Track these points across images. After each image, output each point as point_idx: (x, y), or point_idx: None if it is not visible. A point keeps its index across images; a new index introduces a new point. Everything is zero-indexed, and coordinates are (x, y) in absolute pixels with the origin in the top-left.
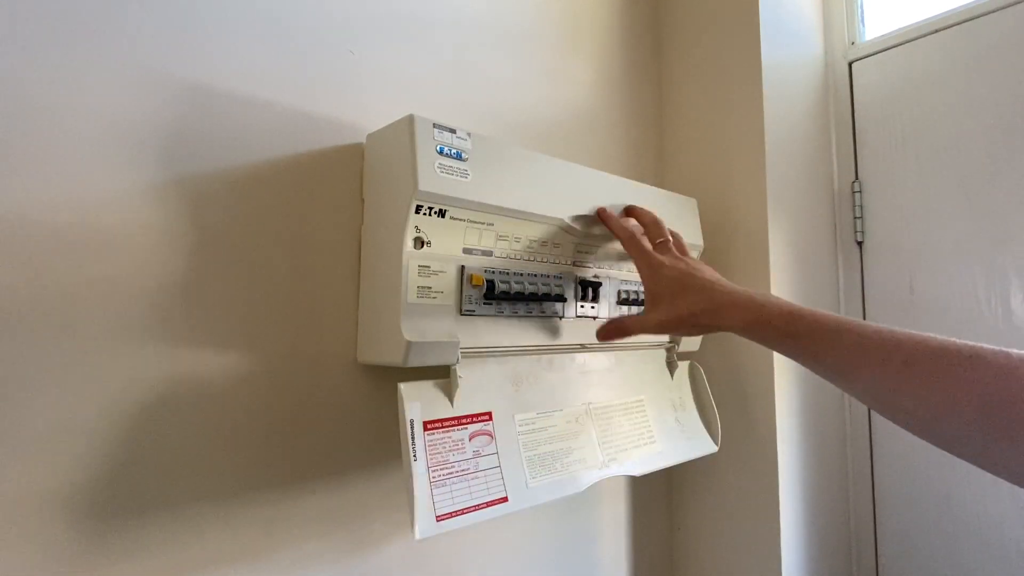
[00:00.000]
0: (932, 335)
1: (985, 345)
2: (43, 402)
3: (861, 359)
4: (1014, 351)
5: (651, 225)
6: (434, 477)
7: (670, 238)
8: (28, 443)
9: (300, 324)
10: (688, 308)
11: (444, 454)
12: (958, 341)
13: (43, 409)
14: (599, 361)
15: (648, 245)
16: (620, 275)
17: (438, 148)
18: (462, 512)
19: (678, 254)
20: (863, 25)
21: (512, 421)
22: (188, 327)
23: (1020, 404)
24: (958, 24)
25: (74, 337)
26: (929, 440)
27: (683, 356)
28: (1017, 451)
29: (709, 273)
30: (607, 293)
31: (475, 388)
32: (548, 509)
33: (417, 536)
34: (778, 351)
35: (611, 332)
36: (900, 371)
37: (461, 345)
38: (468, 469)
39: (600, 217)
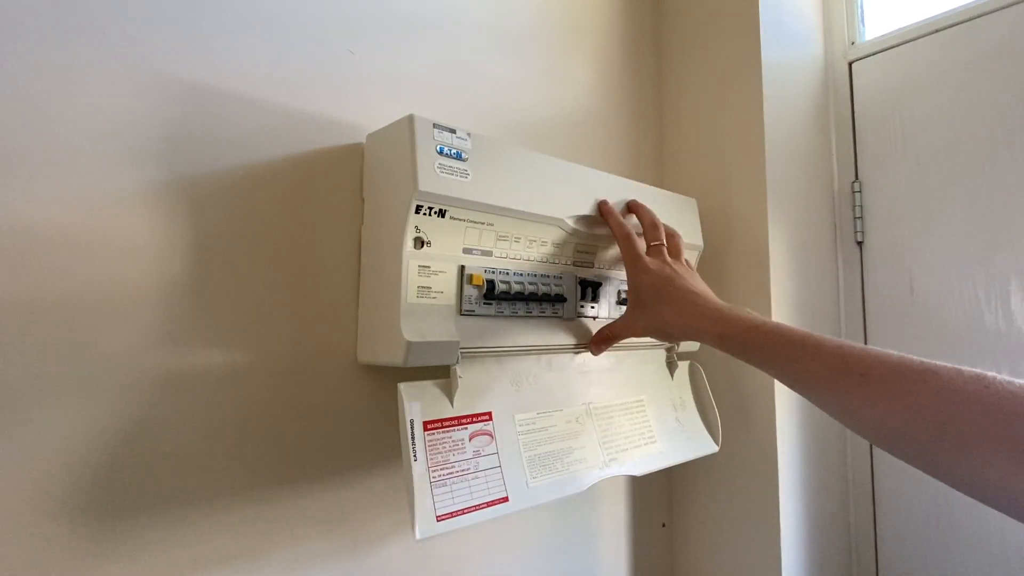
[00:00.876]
0: (891, 351)
1: (939, 362)
2: (43, 402)
3: (820, 372)
4: (966, 368)
5: (649, 227)
6: (434, 477)
7: (664, 242)
8: (28, 443)
9: (300, 324)
10: (662, 317)
11: (444, 454)
12: (914, 358)
13: (43, 409)
14: (599, 361)
15: (641, 248)
16: (620, 275)
17: (438, 148)
18: (462, 512)
19: (668, 259)
20: (863, 25)
21: (512, 421)
22: (187, 327)
23: (968, 421)
24: (958, 24)
25: (73, 337)
26: (887, 450)
27: (683, 356)
28: (968, 465)
29: (691, 283)
30: (607, 293)
31: (475, 388)
32: (548, 509)
33: (417, 536)
34: (746, 362)
35: (600, 342)
36: (858, 384)
37: (461, 345)
38: (468, 469)
39: (600, 211)
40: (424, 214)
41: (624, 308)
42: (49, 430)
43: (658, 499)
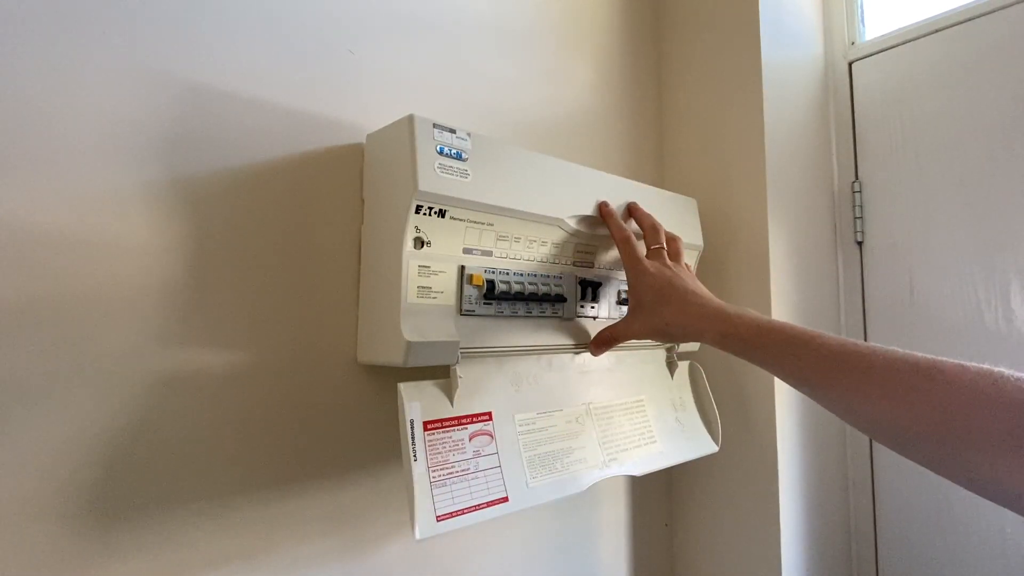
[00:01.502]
0: (896, 348)
1: (944, 359)
2: (42, 402)
3: (824, 369)
4: (971, 364)
5: (649, 230)
6: (434, 477)
7: (664, 245)
8: (28, 443)
9: (300, 324)
10: (664, 319)
11: (444, 454)
12: (919, 354)
13: (43, 409)
14: (599, 361)
15: (641, 251)
16: (620, 275)
17: (438, 148)
18: (462, 512)
19: (668, 262)
20: (863, 25)
21: (512, 421)
22: (187, 327)
23: (974, 417)
24: (958, 24)
25: (73, 337)
26: (891, 447)
27: (683, 356)
28: (973, 461)
29: (691, 284)
30: (607, 293)
31: (475, 388)
32: (548, 509)
33: (417, 536)
34: (749, 361)
35: (601, 344)
36: (862, 381)
37: (461, 345)
38: (468, 469)
39: (600, 213)
40: (424, 214)
41: (624, 308)
42: (49, 430)
43: (658, 499)
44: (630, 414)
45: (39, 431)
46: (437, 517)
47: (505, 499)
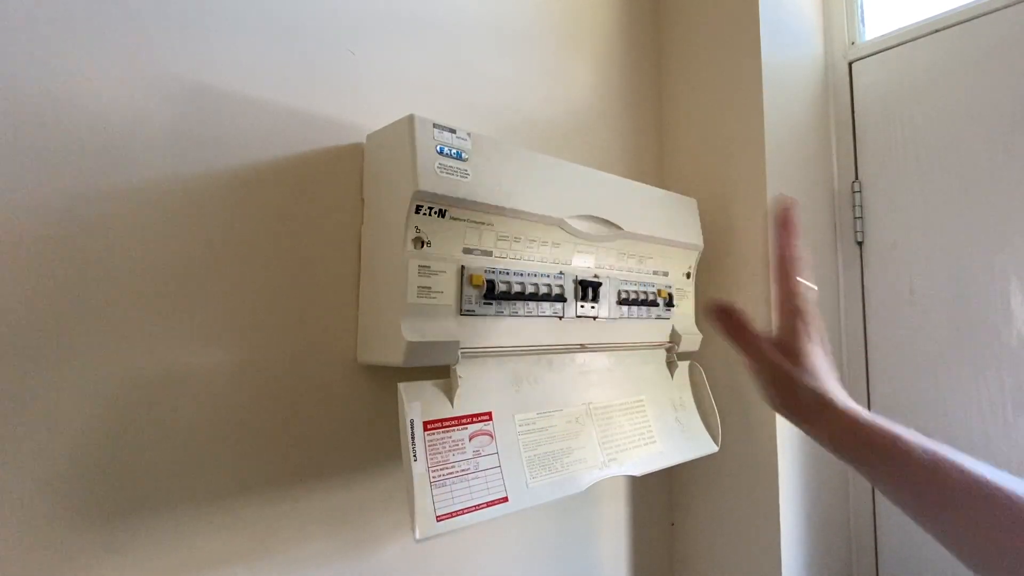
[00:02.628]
0: (980, 468)
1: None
2: (42, 401)
3: (905, 486)
4: None
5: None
6: (434, 477)
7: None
8: (27, 442)
9: (300, 324)
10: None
11: (444, 454)
12: (1004, 484)
13: (42, 408)
14: (599, 361)
15: (779, 358)
16: (620, 275)
17: (438, 148)
18: (462, 512)
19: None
20: (863, 25)
21: (512, 421)
22: (187, 327)
23: None
24: (958, 24)
25: (73, 337)
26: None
27: (683, 356)
28: None
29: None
30: (607, 293)
31: (475, 388)
32: (548, 509)
33: (417, 536)
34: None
35: (729, 324)
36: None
37: (461, 345)
38: (468, 469)
39: (779, 220)
40: (424, 214)
41: (624, 308)
42: (49, 431)
43: (658, 499)
44: (630, 414)
45: (38, 431)
46: (437, 517)
47: (505, 499)
